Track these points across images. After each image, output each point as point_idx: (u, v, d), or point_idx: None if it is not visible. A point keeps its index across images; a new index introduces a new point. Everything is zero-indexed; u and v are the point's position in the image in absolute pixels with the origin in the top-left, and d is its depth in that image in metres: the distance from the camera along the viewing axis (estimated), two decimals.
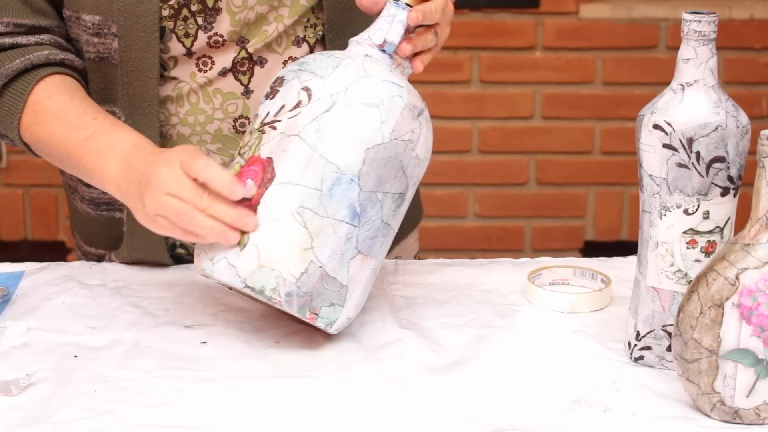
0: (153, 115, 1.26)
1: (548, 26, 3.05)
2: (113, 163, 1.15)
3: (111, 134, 1.17)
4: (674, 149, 1.02)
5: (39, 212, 3.10)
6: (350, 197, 1.07)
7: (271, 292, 1.05)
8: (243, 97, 1.28)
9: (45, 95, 1.22)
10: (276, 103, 1.11)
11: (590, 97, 3.09)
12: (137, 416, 0.98)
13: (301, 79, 1.10)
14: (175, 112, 1.27)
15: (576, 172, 3.13)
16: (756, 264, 0.95)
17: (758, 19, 3.05)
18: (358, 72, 1.09)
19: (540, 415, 0.99)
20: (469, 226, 3.16)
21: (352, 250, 1.08)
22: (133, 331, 1.15)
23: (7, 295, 1.22)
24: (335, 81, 1.08)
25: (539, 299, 1.22)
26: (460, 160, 3.11)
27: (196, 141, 1.28)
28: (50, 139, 1.21)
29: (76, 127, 1.19)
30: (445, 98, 3.07)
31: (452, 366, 1.08)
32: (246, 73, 1.27)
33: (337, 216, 1.07)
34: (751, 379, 0.96)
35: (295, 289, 1.05)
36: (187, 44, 1.25)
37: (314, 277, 1.06)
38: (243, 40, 1.25)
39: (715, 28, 1.01)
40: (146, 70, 1.24)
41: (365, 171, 1.07)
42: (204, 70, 1.26)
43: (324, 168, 1.06)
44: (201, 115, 1.27)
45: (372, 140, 1.08)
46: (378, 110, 1.08)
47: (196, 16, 1.24)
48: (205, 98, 1.27)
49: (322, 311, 1.07)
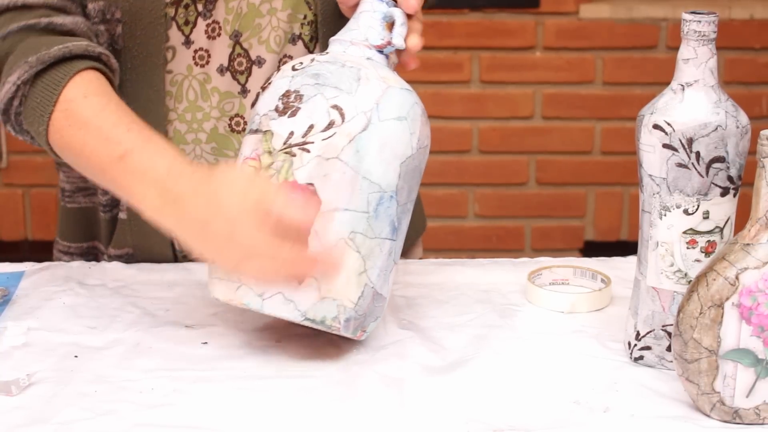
0: (159, 103, 1.25)
1: (548, 26, 3.06)
2: (150, 193, 1.06)
3: (145, 156, 1.08)
4: (674, 149, 1.02)
5: (39, 212, 3.10)
6: (391, 213, 1.06)
7: (331, 321, 1.04)
8: (240, 96, 1.28)
9: (80, 93, 1.13)
10: (301, 122, 1.04)
11: (590, 97, 3.09)
12: (138, 416, 0.98)
13: (326, 96, 1.04)
14: (174, 107, 1.28)
15: (576, 172, 3.13)
16: (756, 264, 0.95)
17: (758, 19, 3.06)
18: (380, 83, 1.06)
19: (540, 415, 0.99)
20: (469, 226, 3.16)
21: (392, 263, 1.08)
22: (134, 331, 1.15)
23: (8, 295, 1.22)
24: (364, 97, 1.05)
25: (539, 299, 1.22)
26: (460, 160, 3.11)
27: (191, 139, 1.28)
28: (83, 150, 1.12)
29: (110, 140, 1.10)
30: (445, 98, 3.07)
31: (452, 366, 1.08)
32: (244, 73, 1.27)
33: (383, 234, 1.06)
34: (750, 379, 0.96)
35: (353, 313, 1.05)
36: (186, 32, 1.24)
37: (368, 299, 1.06)
38: (237, 33, 1.25)
39: (715, 28, 1.01)
40: (151, 56, 1.24)
41: (401, 185, 1.06)
42: (201, 64, 1.26)
43: (368, 189, 1.04)
44: (198, 113, 1.28)
45: (404, 154, 1.06)
46: (407, 122, 1.06)
47: (197, 3, 1.24)
48: (203, 96, 1.27)
49: (369, 327, 1.08)
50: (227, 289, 1.05)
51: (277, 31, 1.28)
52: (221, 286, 1.06)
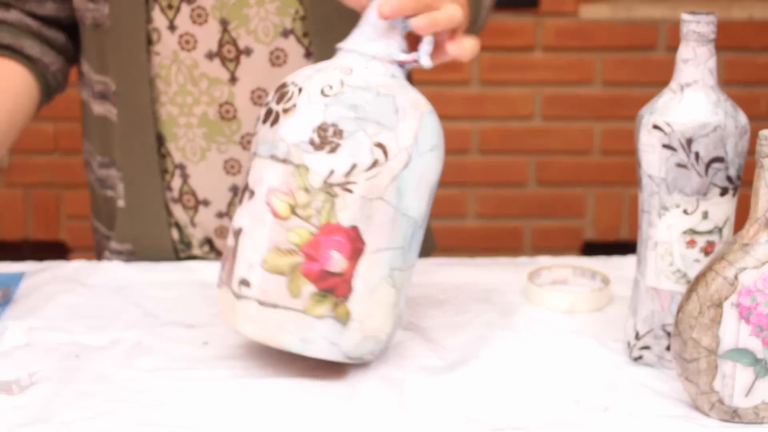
0: (144, 84, 1.27)
1: (548, 26, 3.06)
2: None
3: None
4: (673, 149, 1.02)
5: (40, 212, 3.10)
6: (419, 240, 1.06)
7: (369, 355, 1.05)
8: (229, 84, 1.29)
9: None
10: (342, 160, 0.99)
11: (590, 98, 3.10)
12: (139, 416, 0.98)
13: (369, 133, 0.99)
14: (164, 90, 1.29)
15: (575, 173, 3.13)
16: (755, 264, 0.95)
17: (757, 19, 3.06)
18: (414, 112, 1.02)
19: (540, 415, 0.99)
20: (468, 226, 3.16)
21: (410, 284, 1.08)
22: (135, 331, 1.15)
23: (9, 295, 1.23)
24: (404, 132, 1.01)
25: (539, 299, 1.22)
26: (460, 160, 3.12)
27: (183, 122, 1.29)
28: None
29: None
30: (445, 98, 3.07)
31: (452, 366, 1.08)
32: (233, 61, 1.28)
33: (412, 262, 1.05)
34: (749, 379, 0.96)
35: (385, 344, 1.06)
36: (170, 16, 1.25)
37: (397, 326, 1.07)
38: (224, 21, 1.26)
39: (714, 28, 1.02)
40: (134, 37, 1.26)
41: (426, 210, 1.05)
42: (187, 48, 1.27)
43: (405, 225, 1.02)
44: (188, 97, 1.29)
45: (434, 180, 1.05)
46: (439, 150, 1.05)
47: None
48: (191, 81, 1.28)
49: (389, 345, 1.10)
50: (264, 330, 1.02)
51: (266, 22, 1.28)
52: (256, 326, 1.02)
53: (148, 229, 1.33)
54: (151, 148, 1.30)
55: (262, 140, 1.03)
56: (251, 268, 1.01)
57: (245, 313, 1.02)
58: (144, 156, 1.30)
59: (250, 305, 1.01)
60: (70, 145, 2.99)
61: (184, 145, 1.30)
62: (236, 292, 1.03)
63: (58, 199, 3.06)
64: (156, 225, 1.32)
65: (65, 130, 3.01)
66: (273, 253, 1.00)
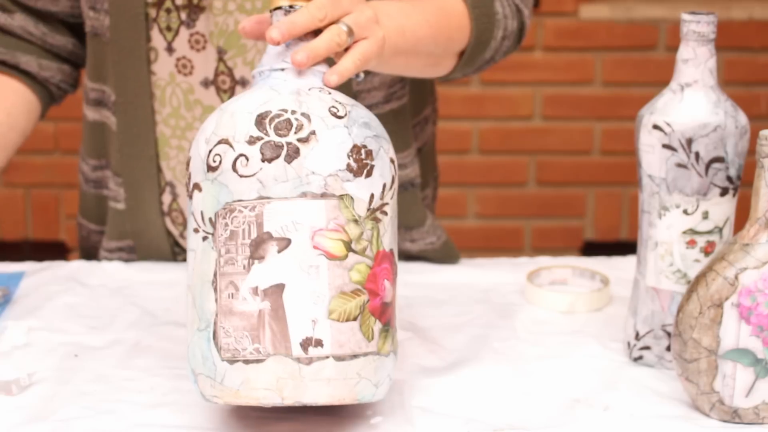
0: (145, 96, 1.26)
1: (548, 26, 3.06)
2: None
3: None
4: (673, 149, 1.02)
5: (39, 212, 3.10)
6: None
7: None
8: None
9: None
10: (376, 182, 0.92)
11: (590, 98, 3.09)
12: (138, 415, 0.98)
13: (385, 149, 0.95)
14: (159, 110, 1.28)
15: (575, 173, 3.13)
16: (755, 264, 0.95)
17: (757, 19, 3.06)
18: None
19: (540, 415, 0.99)
20: (468, 226, 3.16)
21: None
22: (134, 331, 1.15)
23: (8, 295, 1.23)
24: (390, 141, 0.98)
25: (538, 299, 1.22)
26: (460, 160, 3.11)
27: (175, 144, 1.28)
28: None
29: None
30: (445, 98, 3.07)
31: (452, 366, 1.08)
32: (227, 92, 1.26)
33: None
34: (750, 379, 0.96)
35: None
36: (168, 38, 1.25)
37: None
38: (221, 50, 1.25)
39: (714, 28, 1.02)
40: (135, 50, 1.25)
41: None
42: (184, 72, 1.26)
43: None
44: (182, 121, 1.28)
45: None
46: None
47: (180, 11, 1.24)
48: (186, 105, 1.27)
49: None
50: (341, 388, 0.91)
51: (263, 54, 1.27)
52: (331, 387, 0.90)
53: (148, 230, 1.32)
54: (151, 159, 1.29)
55: (275, 180, 0.90)
56: (316, 324, 0.89)
57: (317, 377, 0.89)
58: (144, 166, 1.29)
59: (326, 366, 0.89)
60: (70, 145, 2.99)
61: (175, 165, 1.29)
62: (302, 356, 0.89)
63: (57, 199, 3.06)
64: (154, 227, 1.32)
65: (65, 130, 3.01)
66: (338, 300, 0.90)
